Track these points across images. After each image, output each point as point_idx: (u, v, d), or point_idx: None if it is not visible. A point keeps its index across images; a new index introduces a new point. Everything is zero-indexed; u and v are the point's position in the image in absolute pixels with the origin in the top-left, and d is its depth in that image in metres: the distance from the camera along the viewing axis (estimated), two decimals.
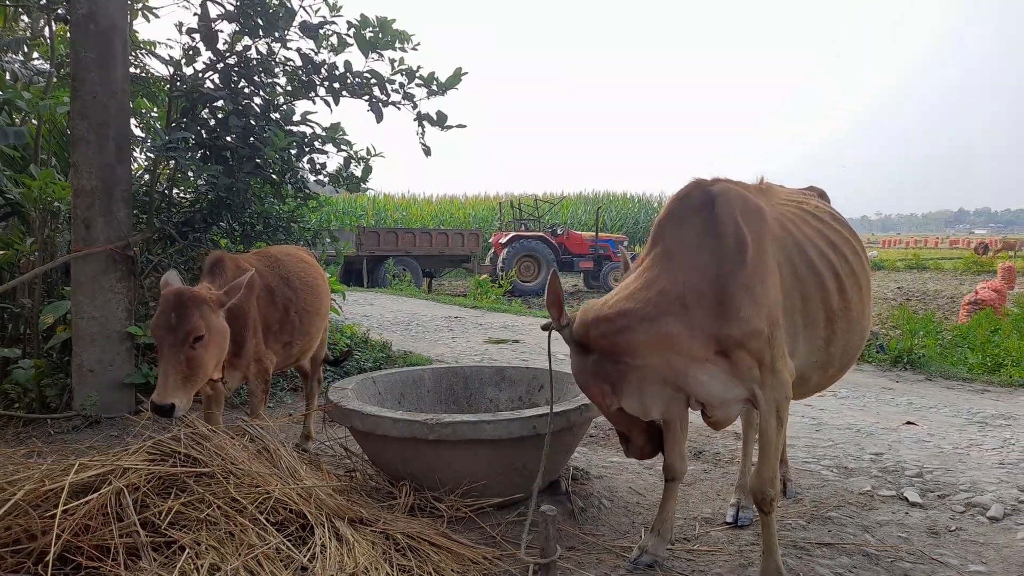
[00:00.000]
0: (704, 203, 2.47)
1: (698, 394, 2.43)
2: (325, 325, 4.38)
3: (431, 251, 20.27)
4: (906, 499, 3.50)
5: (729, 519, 3.16)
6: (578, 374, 2.54)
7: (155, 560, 2.24)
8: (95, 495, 2.37)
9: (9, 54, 6.80)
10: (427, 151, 5.62)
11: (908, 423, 5.03)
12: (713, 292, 2.34)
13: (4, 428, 4.37)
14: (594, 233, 21.54)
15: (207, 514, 2.40)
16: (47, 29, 5.73)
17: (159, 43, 6.29)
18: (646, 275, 2.44)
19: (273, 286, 3.72)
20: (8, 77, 6.21)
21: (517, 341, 8.93)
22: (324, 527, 2.46)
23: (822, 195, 3.32)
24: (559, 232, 21.15)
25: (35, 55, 7.16)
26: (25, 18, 7.37)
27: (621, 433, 2.71)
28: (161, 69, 6.36)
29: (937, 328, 9.02)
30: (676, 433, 2.73)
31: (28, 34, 7.23)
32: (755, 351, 2.35)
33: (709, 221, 2.43)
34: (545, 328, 2.70)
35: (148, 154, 5.88)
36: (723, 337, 2.33)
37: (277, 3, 4.93)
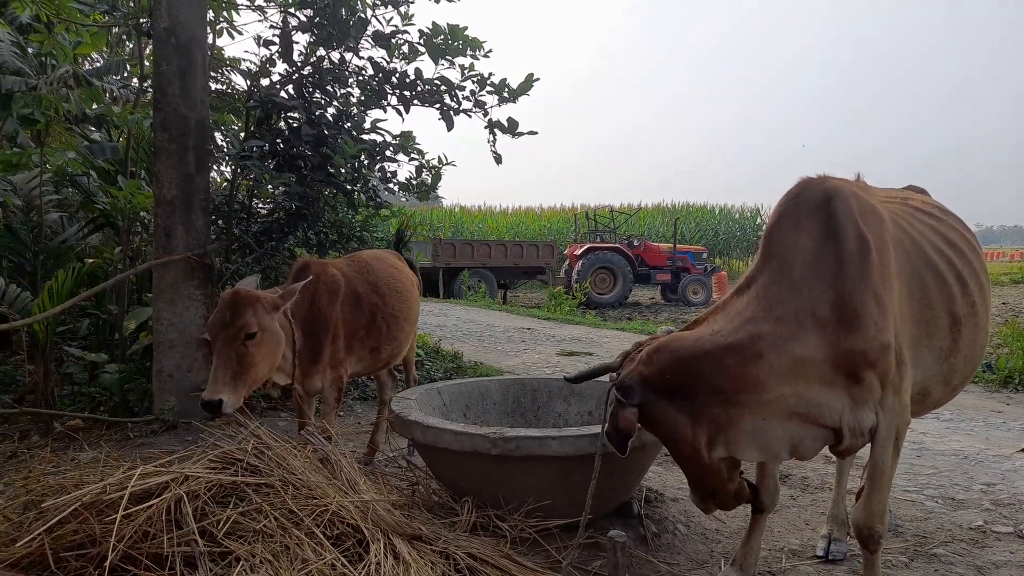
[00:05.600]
0: (819, 203, 2.21)
1: (832, 423, 2.12)
2: (414, 330, 4.40)
3: (506, 263, 20.26)
4: None
5: (820, 552, 2.88)
6: (670, 425, 2.13)
7: (210, 571, 2.19)
8: (156, 501, 2.36)
9: (111, 75, 7.19)
10: (498, 159, 5.54)
11: (1023, 451, 4.55)
12: (841, 304, 2.09)
13: (89, 431, 4.52)
14: (672, 245, 21.04)
15: (263, 525, 2.34)
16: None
17: (242, 60, 6.50)
18: (768, 293, 2.14)
19: (360, 292, 3.76)
20: (107, 97, 6.55)
21: (590, 354, 8.72)
22: (380, 543, 2.35)
23: (922, 192, 3.02)
24: (635, 243, 20.77)
25: (134, 79, 7.56)
26: (129, 44, 7.79)
27: (710, 485, 2.26)
28: (243, 84, 6.57)
29: None
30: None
31: (127, 57, 7.63)
32: (881, 369, 2.10)
33: (827, 223, 2.17)
34: (574, 380, 2.62)
35: (228, 164, 6.06)
36: (854, 354, 2.07)
37: (350, 13, 4.96)
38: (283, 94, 5.10)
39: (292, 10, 5.19)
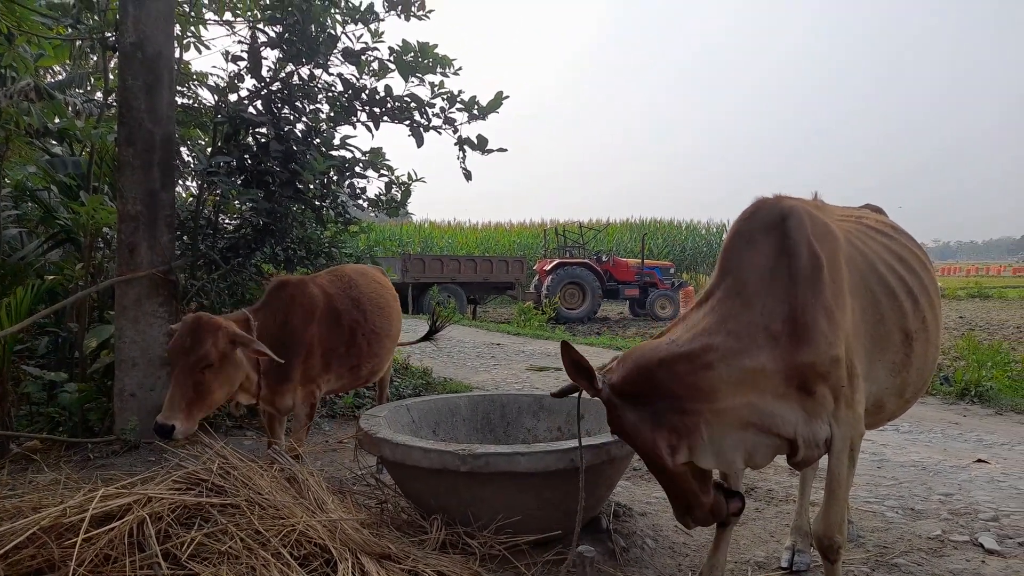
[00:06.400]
0: (774, 222, 2.30)
1: (786, 434, 2.19)
2: (394, 346, 4.37)
3: (475, 278, 20.27)
4: (982, 546, 3.20)
5: (784, 563, 2.93)
6: (631, 428, 2.17)
7: None
8: (118, 523, 2.31)
9: (74, 88, 7.07)
10: (468, 176, 5.56)
11: (979, 461, 4.68)
12: (792, 319, 2.16)
13: (47, 452, 4.40)
14: (640, 260, 21.26)
15: (229, 547, 2.31)
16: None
17: (210, 75, 6.44)
18: (722, 307, 2.23)
19: (340, 309, 3.73)
20: (70, 110, 6.44)
21: (559, 369, 8.75)
22: (349, 563, 2.33)
23: (878, 211, 3.12)
24: (604, 259, 20.94)
25: (98, 93, 7.43)
26: (93, 57, 7.68)
27: (683, 499, 2.27)
28: (210, 99, 6.51)
29: (1006, 359, 8.49)
30: (733, 474, 2.54)
31: (91, 70, 7.52)
32: (833, 382, 2.17)
33: (781, 241, 2.25)
34: (558, 395, 2.68)
35: (194, 179, 5.99)
36: (805, 367, 2.14)
37: (320, 30, 4.97)
38: (251, 110, 5.06)
39: (261, 26, 5.16)
